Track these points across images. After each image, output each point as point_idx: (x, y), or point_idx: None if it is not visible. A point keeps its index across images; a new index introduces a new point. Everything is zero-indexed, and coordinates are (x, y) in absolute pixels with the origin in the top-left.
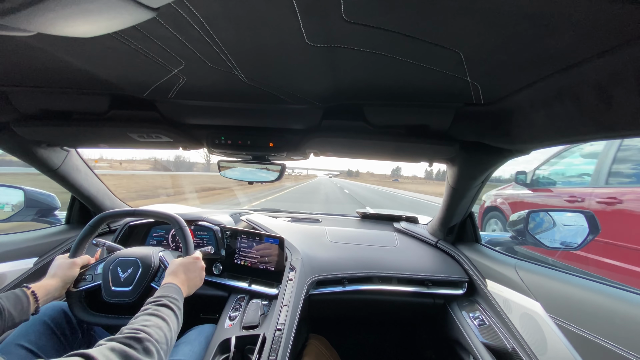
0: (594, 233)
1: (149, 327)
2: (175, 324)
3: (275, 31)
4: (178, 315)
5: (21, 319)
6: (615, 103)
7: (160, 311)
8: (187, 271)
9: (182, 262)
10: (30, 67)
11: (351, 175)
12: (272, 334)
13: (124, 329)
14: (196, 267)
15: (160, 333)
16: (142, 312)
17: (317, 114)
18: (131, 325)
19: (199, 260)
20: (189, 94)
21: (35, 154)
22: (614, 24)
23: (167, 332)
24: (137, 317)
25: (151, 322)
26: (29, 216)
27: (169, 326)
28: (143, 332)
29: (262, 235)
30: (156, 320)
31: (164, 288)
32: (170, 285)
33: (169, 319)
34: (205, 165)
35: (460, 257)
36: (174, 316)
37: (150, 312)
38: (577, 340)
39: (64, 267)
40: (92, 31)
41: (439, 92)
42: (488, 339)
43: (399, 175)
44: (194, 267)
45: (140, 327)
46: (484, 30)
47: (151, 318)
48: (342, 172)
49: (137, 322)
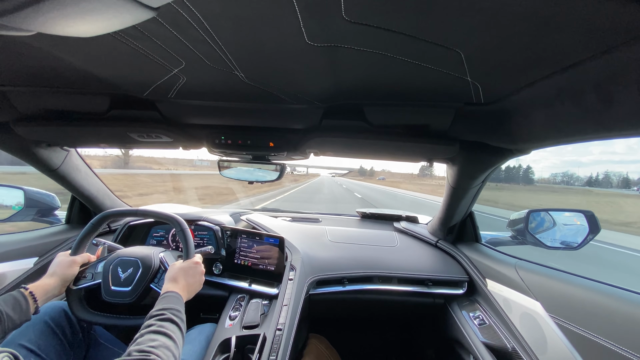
0: (594, 232)
1: (156, 347)
2: (180, 339)
3: (276, 31)
4: (182, 328)
5: (22, 320)
6: (615, 103)
7: (165, 327)
8: (187, 276)
9: (182, 266)
10: (30, 67)
11: (364, 174)
12: (273, 333)
13: (131, 350)
14: (196, 272)
15: (168, 353)
16: (147, 330)
17: (317, 114)
18: (138, 347)
19: (199, 265)
20: (189, 94)
21: (35, 153)
22: (614, 24)
23: (175, 350)
24: (143, 336)
25: (158, 342)
26: (29, 216)
27: (175, 344)
28: (152, 354)
29: (262, 235)
30: (163, 339)
31: (165, 298)
32: (172, 294)
33: (175, 335)
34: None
35: (461, 257)
36: (179, 331)
37: (155, 329)
38: (577, 340)
39: (63, 265)
40: (92, 31)
41: (439, 91)
42: (488, 339)
43: (430, 174)
44: (194, 272)
45: (148, 348)
46: (484, 30)
47: (158, 337)
48: (351, 170)
49: (143, 343)
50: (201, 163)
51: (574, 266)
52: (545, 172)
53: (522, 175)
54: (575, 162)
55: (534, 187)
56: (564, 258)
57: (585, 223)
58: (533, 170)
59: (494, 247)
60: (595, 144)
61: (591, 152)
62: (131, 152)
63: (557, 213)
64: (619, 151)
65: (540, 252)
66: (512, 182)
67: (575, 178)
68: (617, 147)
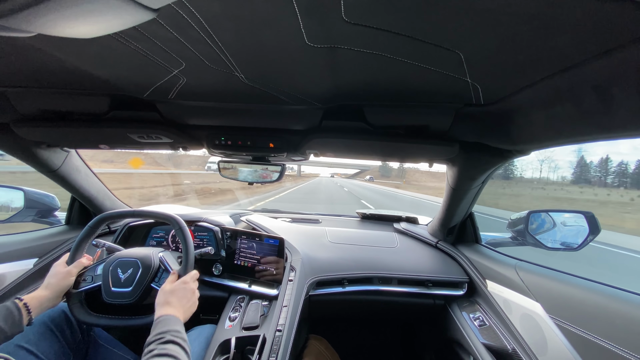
0: (594, 233)
1: None
2: (185, 358)
3: (276, 32)
4: (186, 348)
5: (13, 332)
6: (615, 104)
7: (167, 349)
8: (180, 298)
9: (172, 289)
10: (31, 68)
11: (387, 175)
12: (272, 334)
13: None
14: (187, 291)
15: None
16: (149, 355)
17: (317, 115)
18: None
19: (188, 284)
20: (189, 95)
21: (35, 154)
22: (614, 24)
23: None
24: None
25: None
26: (29, 217)
27: None
28: None
29: (262, 235)
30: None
31: (161, 322)
32: (166, 317)
33: (180, 356)
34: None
35: (461, 258)
36: (182, 351)
37: (158, 352)
38: (577, 341)
39: (58, 276)
40: (93, 32)
41: (439, 92)
42: (488, 340)
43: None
44: (185, 293)
45: None
46: (484, 31)
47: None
48: (364, 169)
49: None
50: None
51: (574, 265)
52: (551, 174)
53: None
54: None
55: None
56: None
57: (585, 224)
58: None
59: (494, 248)
60: (600, 144)
61: (596, 152)
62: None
63: (557, 214)
64: (623, 151)
65: (539, 252)
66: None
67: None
68: (621, 147)
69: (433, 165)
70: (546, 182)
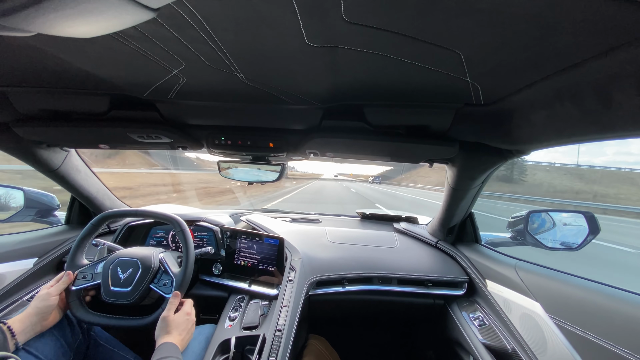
0: (594, 233)
1: None
2: None
3: (275, 31)
4: None
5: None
6: (615, 103)
7: None
8: (181, 331)
9: (175, 319)
10: (30, 68)
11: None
12: (272, 334)
13: None
14: (188, 323)
15: None
16: None
17: (317, 115)
18: None
19: (191, 316)
20: (189, 95)
21: (35, 154)
22: (614, 24)
23: None
24: None
25: None
26: (29, 216)
27: None
28: None
29: (262, 235)
30: None
31: (162, 349)
32: (168, 344)
33: None
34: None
35: (460, 258)
36: None
37: None
38: (577, 341)
39: (39, 298)
40: (92, 32)
41: (439, 92)
42: (488, 340)
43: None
44: (186, 325)
45: None
46: (483, 31)
47: None
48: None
49: None
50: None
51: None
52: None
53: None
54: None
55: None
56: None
57: (584, 224)
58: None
59: (494, 247)
60: (609, 144)
61: (605, 152)
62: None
63: (557, 214)
64: (634, 152)
65: (539, 252)
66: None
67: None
68: (632, 147)
69: (433, 165)
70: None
